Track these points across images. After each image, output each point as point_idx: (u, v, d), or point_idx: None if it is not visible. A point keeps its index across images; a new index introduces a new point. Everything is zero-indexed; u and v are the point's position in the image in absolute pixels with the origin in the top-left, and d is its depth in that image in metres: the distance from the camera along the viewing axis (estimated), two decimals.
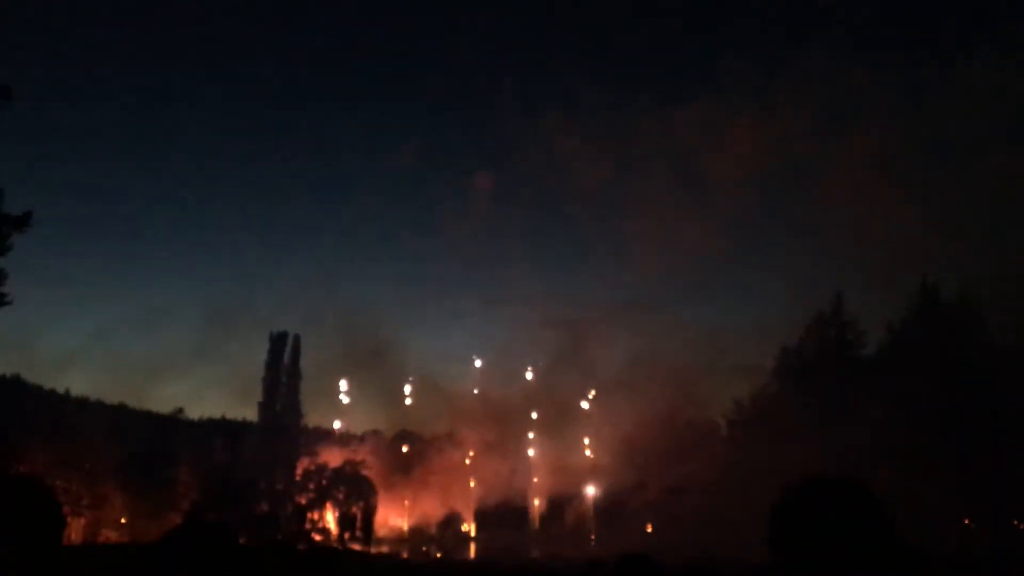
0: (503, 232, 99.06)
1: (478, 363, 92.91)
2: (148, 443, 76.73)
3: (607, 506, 76.79)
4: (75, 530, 64.97)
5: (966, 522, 53.27)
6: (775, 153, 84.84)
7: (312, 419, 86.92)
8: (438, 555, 73.40)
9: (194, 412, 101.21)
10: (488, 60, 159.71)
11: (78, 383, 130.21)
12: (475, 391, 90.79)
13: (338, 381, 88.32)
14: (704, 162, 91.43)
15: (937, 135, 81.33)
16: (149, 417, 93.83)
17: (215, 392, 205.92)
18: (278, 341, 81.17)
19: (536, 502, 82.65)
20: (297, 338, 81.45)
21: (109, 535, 68.42)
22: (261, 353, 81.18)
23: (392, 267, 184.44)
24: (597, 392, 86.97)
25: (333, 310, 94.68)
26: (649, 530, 72.42)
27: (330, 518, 73.57)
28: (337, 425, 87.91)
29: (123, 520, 70.33)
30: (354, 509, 73.95)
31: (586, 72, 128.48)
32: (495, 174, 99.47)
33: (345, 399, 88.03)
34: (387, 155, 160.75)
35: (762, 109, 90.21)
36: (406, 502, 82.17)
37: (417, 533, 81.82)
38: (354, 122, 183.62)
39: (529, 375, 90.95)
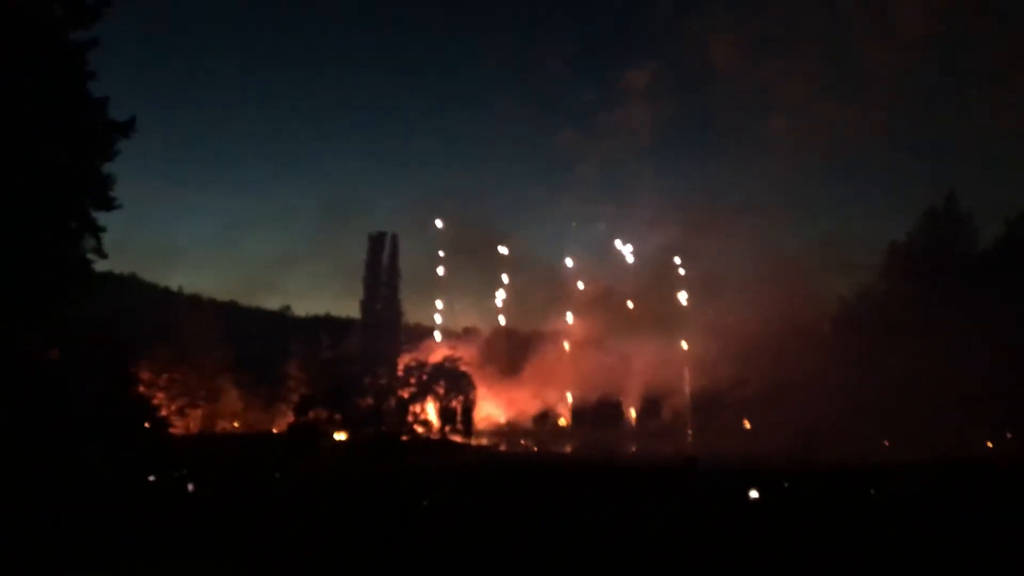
0: (641, 132, 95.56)
1: (569, 262, 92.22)
2: (258, 339, 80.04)
3: (705, 402, 76.33)
4: (193, 420, 68.70)
5: None
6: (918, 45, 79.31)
7: (415, 316, 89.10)
8: (534, 448, 74.93)
9: (300, 309, 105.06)
10: None
11: (191, 281, 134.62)
12: (579, 285, 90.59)
13: (443, 281, 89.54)
14: (858, 49, 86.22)
15: None
16: (259, 314, 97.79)
17: (322, 290, 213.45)
18: (377, 241, 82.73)
19: (632, 398, 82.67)
20: (395, 238, 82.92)
21: (225, 425, 72.13)
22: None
23: (522, 169, 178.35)
24: (702, 288, 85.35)
25: (453, 209, 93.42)
26: (747, 427, 71.98)
27: (431, 411, 75.58)
28: (438, 324, 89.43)
29: (235, 424, 73.66)
30: (454, 403, 75.72)
31: None
32: (641, 71, 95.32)
33: (439, 305, 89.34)
34: (526, 55, 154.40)
35: None
36: (503, 397, 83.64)
37: (514, 427, 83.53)
38: (492, 21, 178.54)
39: (628, 257, 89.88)
